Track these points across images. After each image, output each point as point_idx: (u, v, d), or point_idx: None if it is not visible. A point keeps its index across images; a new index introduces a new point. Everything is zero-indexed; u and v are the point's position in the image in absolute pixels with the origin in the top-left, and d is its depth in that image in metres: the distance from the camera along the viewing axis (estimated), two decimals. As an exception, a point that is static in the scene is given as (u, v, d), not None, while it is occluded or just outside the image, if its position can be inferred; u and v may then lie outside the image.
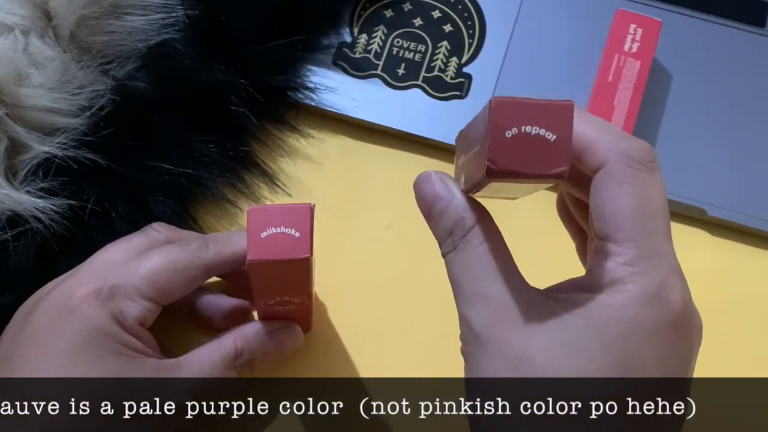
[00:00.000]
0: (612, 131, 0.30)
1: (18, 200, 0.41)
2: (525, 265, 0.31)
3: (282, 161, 0.47)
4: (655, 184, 0.29)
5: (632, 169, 0.29)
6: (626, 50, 0.47)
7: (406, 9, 0.50)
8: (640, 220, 0.29)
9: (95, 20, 0.44)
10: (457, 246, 0.30)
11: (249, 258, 0.34)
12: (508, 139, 0.26)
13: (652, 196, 0.29)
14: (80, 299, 0.36)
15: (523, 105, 0.26)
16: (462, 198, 0.31)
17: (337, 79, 0.48)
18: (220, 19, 0.46)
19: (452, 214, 0.31)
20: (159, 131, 0.44)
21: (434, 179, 0.31)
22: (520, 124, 0.26)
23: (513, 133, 0.26)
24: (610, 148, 0.29)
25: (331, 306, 0.44)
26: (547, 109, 0.26)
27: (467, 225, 0.30)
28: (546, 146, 0.26)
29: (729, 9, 0.50)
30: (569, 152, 0.26)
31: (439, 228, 0.31)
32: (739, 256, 0.46)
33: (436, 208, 0.31)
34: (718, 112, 0.48)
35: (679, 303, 0.28)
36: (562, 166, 0.26)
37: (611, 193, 0.29)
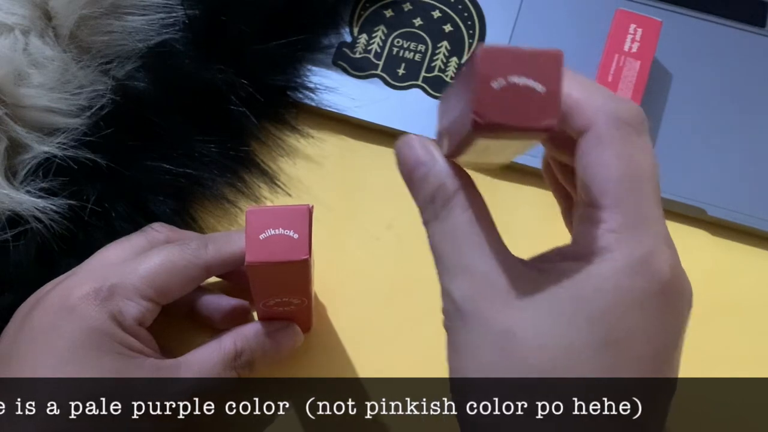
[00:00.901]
0: (600, 91, 0.28)
1: (18, 200, 0.42)
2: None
3: (282, 161, 0.47)
4: (643, 147, 0.28)
5: (620, 131, 0.27)
6: (626, 50, 0.47)
7: (406, 9, 0.50)
8: (627, 185, 0.27)
9: (95, 20, 0.44)
10: (438, 214, 0.29)
11: (247, 260, 0.34)
12: (496, 91, 0.24)
13: (641, 160, 0.27)
14: (79, 299, 0.36)
15: (511, 53, 0.24)
16: (444, 163, 0.29)
17: (337, 79, 0.48)
18: (220, 19, 0.46)
19: (434, 180, 0.29)
20: (159, 131, 0.44)
21: (416, 144, 0.30)
22: (508, 73, 0.24)
23: (500, 84, 0.24)
24: (597, 109, 0.27)
25: (331, 306, 0.44)
26: (536, 58, 0.24)
27: (449, 191, 0.29)
28: (535, 97, 0.24)
29: (729, 9, 0.50)
30: (559, 104, 0.25)
31: (420, 194, 0.30)
32: (739, 256, 0.46)
33: (417, 174, 0.30)
34: (718, 112, 0.48)
35: (668, 271, 0.27)
36: (552, 118, 0.24)
37: (598, 157, 0.27)
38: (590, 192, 0.27)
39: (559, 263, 0.28)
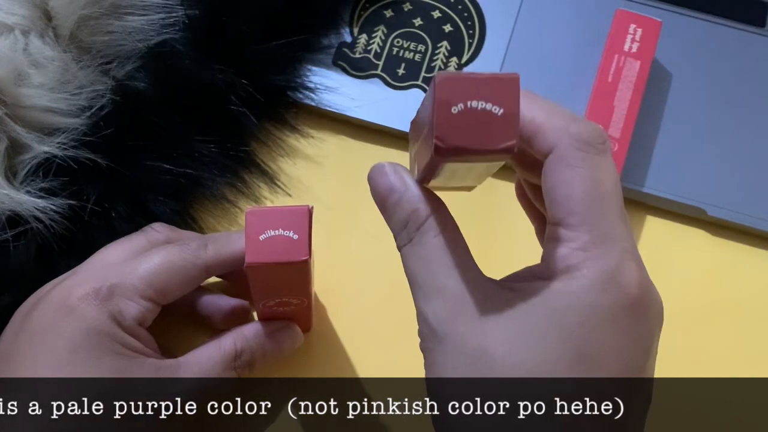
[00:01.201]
0: (561, 114, 0.29)
1: (18, 200, 0.42)
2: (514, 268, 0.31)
3: (282, 161, 0.47)
4: (605, 166, 0.28)
5: (582, 152, 0.28)
6: (626, 50, 0.47)
7: (406, 9, 0.50)
8: (591, 204, 0.28)
9: (95, 20, 0.44)
10: (412, 239, 0.30)
11: (247, 260, 0.34)
12: (455, 116, 0.25)
13: (603, 179, 0.28)
14: (79, 299, 0.36)
15: (467, 80, 0.25)
16: (416, 189, 0.30)
17: (337, 79, 0.48)
18: (220, 19, 0.46)
19: (406, 206, 0.30)
20: (159, 131, 0.44)
21: (387, 170, 0.31)
22: (466, 99, 0.25)
23: (459, 109, 0.25)
24: (560, 131, 0.28)
25: (331, 306, 0.44)
26: (493, 82, 0.25)
27: (421, 217, 0.30)
28: (494, 121, 0.25)
29: (729, 9, 0.50)
30: (518, 126, 0.25)
31: (394, 220, 0.31)
32: (739, 256, 0.46)
33: (390, 201, 0.31)
34: (718, 112, 0.48)
35: (636, 286, 0.28)
36: (511, 140, 0.25)
37: (562, 178, 0.28)
38: (556, 212, 0.28)
39: (530, 282, 0.29)
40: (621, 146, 0.45)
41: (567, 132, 0.28)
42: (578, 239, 0.28)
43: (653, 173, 0.47)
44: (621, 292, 0.28)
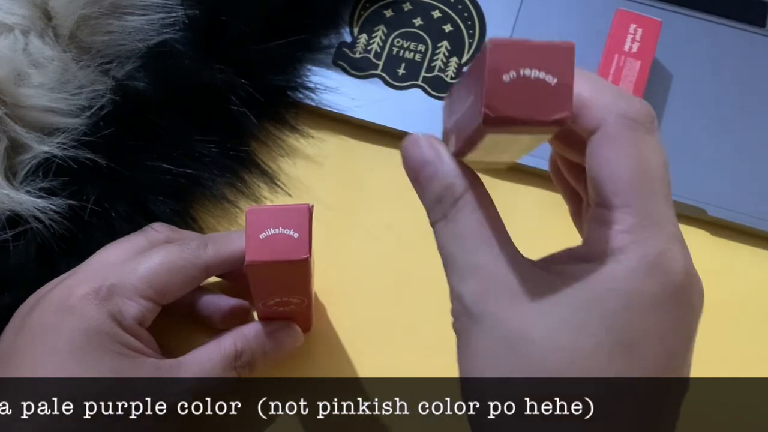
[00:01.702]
0: (610, 89, 0.28)
1: (18, 200, 0.41)
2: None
3: (282, 161, 0.47)
4: (654, 146, 0.27)
5: (631, 130, 0.27)
6: (626, 50, 0.47)
7: (406, 9, 0.50)
8: (638, 185, 0.27)
9: (95, 20, 0.44)
10: (447, 215, 0.28)
11: (247, 259, 0.34)
12: (506, 84, 0.24)
13: (652, 159, 0.27)
14: (79, 299, 0.36)
15: (521, 46, 0.24)
16: (452, 163, 0.29)
17: (337, 79, 0.48)
18: (220, 19, 0.46)
19: (442, 180, 0.28)
20: (159, 131, 0.44)
21: (422, 142, 0.29)
22: (519, 66, 0.24)
23: (511, 77, 0.24)
24: (607, 108, 0.27)
25: (331, 306, 0.44)
26: (548, 50, 0.24)
27: (458, 192, 0.28)
28: (547, 90, 0.24)
29: (729, 9, 0.50)
30: (572, 97, 0.24)
31: (428, 195, 0.29)
32: (739, 256, 0.46)
33: (424, 174, 0.29)
34: (718, 112, 0.48)
35: (681, 272, 0.27)
36: (565, 111, 0.24)
37: (608, 156, 0.27)
38: (601, 192, 0.27)
39: (571, 265, 0.27)
40: (621, 146, 0.45)
41: (615, 109, 0.27)
42: (624, 221, 0.27)
43: (653, 173, 0.46)
44: (666, 278, 0.26)
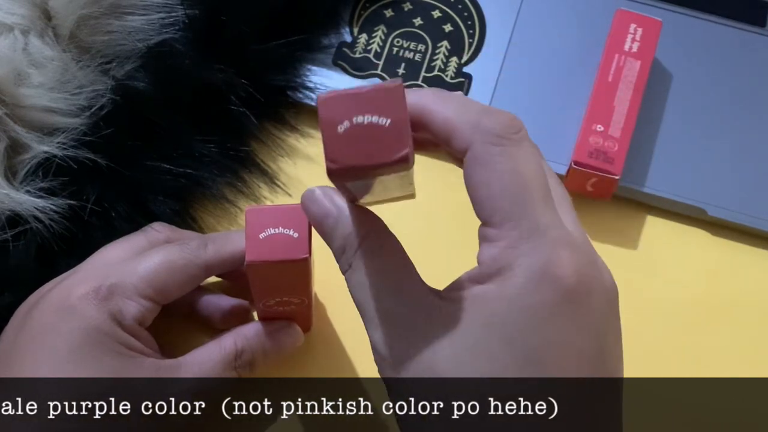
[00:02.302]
0: (471, 109, 0.28)
1: (18, 200, 0.41)
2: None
3: (282, 161, 0.47)
4: (523, 155, 0.27)
5: (498, 146, 0.27)
6: (626, 50, 0.47)
7: (406, 9, 0.50)
8: (513, 199, 0.27)
9: (95, 20, 0.44)
10: (351, 264, 0.29)
11: (247, 259, 0.34)
12: (342, 134, 0.24)
13: (523, 170, 0.27)
14: (79, 298, 0.36)
15: (348, 96, 0.24)
16: (348, 214, 0.29)
17: (337, 79, 0.48)
18: (220, 18, 0.46)
19: (341, 232, 0.29)
20: (159, 131, 0.44)
21: (318, 196, 0.30)
22: (351, 115, 0.24)
23: (345, 127, 0.24)
24: (472, 129, 0.27)
25: (331, 306, 0.44)
26: (375, 94, 0.24)
27: (356, 242, 0.29)
28: (382, 132, 0.24)
29: (729, 9, 0.50)
30: (408, 134, 0.24)
31: (333, 247, 0.30)
32: (739, 256, 0.46)
33: (326, 227, 0.30)
34: (718, 112, 0.48)
35: (571, 276, 0.27)
36: (404, 150, 0.24)
37: (480, 178, 0.27)
38: (481, 212, 0.27)
39: (470, 288, 0.28)
40: (621, 146, 0.45)
41: (479, 128, 0.27)
42: (506, 237, 0.27)
43: (653, 173, 0.46)
44: (555, 285, 0.26)
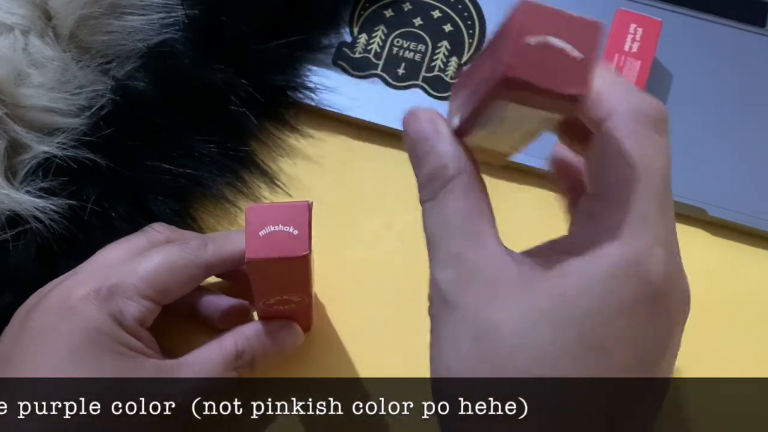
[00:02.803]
0: (623, 84, 0.27)
1: (18, 200, 0.41)
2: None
3: (282, 161, 0.47)
4: (659, 144, 0.27)
5: (639, 124, 0.26)
6: (626, 50, 0.47)
7: (406, 9, 0.50)
8: (633, 181, 0.26)
9: (95, 20, 0.44)
10: (436, 195, 0.27)
11: (247, 256, 0.34)
12: (531, 47, 0.23)
13: (654, 157, 0.26)
14: (79, 299, 0.36)
15: (552, 13, 0.23)
16: (449, 142, 0.28)
17: (337, 79, 0.48)
18: (220, 18, 0.46)
19: (436, 159, 0.27)
20: (159, 131, 0.44)
21: (422, 117, 0.28)
22: (546, 32, 0.23)
23: (537, 42, 0.23)
24: (619, 101, 0.26)
25: (331, 306, 0.44)
26: (577, 23, 0.24)
27: (450, 173, 0.27)
28: (569, 63, 0.23)
29: (729, 9, 0.50)
30: (593, 75, 0.24)
31: (421, 171, 0.28)
32: (739, 256, 0.46)
33: (420, 149, 0.28)
34: (718, 112, 0.48)
35: (660, 275, 0.26)
36: (584, 87, 0.23)
37: (612, 148, 0.26)
38: (596, 184, 0.27)
39: (551, 257, 0.27)
40: (621, 146, 0.45)
41: (627, 103, 0.26)
42: (609, 216, 0.26)
43: (653, 173, 0.46)
44: (643, 281, 0.26)
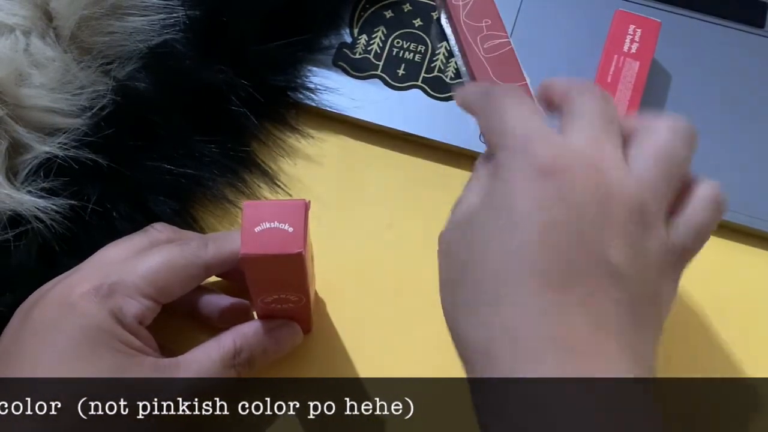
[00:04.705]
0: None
1: (19, 200, 0.42)
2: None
3: (282, 161, 0.47)
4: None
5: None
6: (625, 51, 0.47)
7: (405, 10, 0.50)
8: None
9: (96, 21, 0.44)
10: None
11: (242, 252, 0.34)
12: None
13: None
14: (80, 296, 0.36)
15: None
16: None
17: (337, 80, 0.48)
18: (221, 19, 0.46)
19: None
20: (159, 131, 0.45)
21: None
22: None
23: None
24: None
25: (331, 305, 0.44)
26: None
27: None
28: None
29: (729, 9, 0.50)
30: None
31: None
32: (739, 256, 0.46)
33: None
34: (717, 112, 0.48)
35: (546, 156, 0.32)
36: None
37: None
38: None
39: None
40: (621, 146, 0.45)
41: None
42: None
43: (653, 173, 0.46)
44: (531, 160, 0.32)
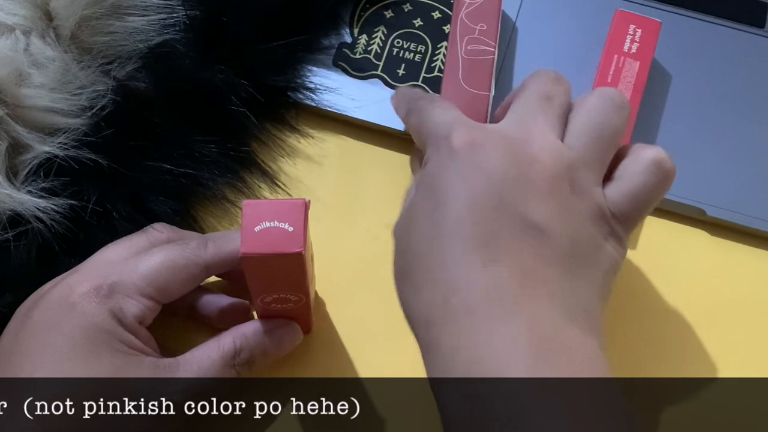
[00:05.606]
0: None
1: (19, 200, 0.42)
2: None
3: (282, 161, 0.47)
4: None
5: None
6: (625, 51, 0.47)
7: (406, 9, 0.50)
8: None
9: (96, 21, 0.44)
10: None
11: (242, 251, 0.34)
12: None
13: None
14: (80, 296, 0.36)
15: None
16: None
17: (338, 80, 0.48)
18: (221, 19, 0.46)
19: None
20: (160, 131, 0.45)
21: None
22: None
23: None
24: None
25: (331, 305, 0.45)
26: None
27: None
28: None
29: (729, 9, 0.50)
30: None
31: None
32: (738, 256, 0.46)
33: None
34: (717, 112, 0.48)
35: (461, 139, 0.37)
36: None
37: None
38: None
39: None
40: (621, 146, 0.45)
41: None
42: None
43: (653, 173, 0.46)
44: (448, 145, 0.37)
